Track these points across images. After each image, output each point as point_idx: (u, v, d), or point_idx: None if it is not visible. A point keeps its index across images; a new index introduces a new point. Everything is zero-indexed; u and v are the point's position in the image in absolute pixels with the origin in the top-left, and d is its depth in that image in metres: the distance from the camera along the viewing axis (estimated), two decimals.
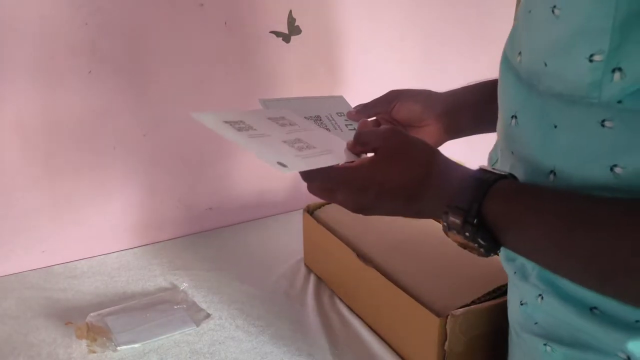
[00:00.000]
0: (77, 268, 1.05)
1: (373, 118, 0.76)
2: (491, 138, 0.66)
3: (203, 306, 0.93)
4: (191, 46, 1.07)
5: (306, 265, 1.05)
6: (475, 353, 0.75)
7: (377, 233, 0.91)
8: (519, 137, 0.54)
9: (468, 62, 1.36)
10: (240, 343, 0.85)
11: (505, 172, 0.51)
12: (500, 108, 0.58)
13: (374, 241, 0.89)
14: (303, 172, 0.59)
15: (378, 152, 0.58)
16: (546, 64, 0.48)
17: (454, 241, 0.53)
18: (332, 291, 0.97)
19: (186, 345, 0.85)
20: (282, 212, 1.26)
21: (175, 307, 0.92)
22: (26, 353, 0.83)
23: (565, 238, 0.45)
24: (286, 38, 1.15)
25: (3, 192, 0.99)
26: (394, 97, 0.75)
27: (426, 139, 0.62)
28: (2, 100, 0.95)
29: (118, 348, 0.83)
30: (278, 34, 1.14)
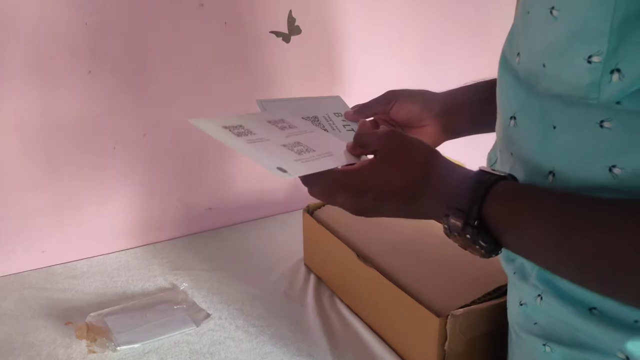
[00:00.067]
0: (77, 268, 1.05)
1: (371, 118, 0.76)
2: (490, 138, 0.66)
3: (203, 306, 0.93)
4: (191, 46, 1.07)
5: (306, 265, 1.05)
6: (475, 353, 0.75)
7: (377, 233, 0.91)
8: (518, 138, 0.54)
9: (468, 62, 1.35)
10: (240, 343, 0.85)
11: (505, 173, 0.52)
12: (499, 109, 0.58)
13: (374, 241, 0.89)
14: (303, 176, 0.59)
15: (377, 155, 0.58)
16: (545, 65, 0.48)
17: (455, 243, 0.53)
18: (332, 291, 0.97)
19: (186, 345, 0.85)
20: (282, 212, 1.26)
21: (175, 307, 0.92)
22: (26, 353, 0.83)
23: (564, 239, 0.45)
24: (286, 38, 1.15)
25: (3, 192, 0.99)
26: (392, 97, 0.74)
27: (424, 139, 0.62)
28: (2, 100, 0.95)
29: (118, 348, 0.83)
30: (278, 34, 1.14)
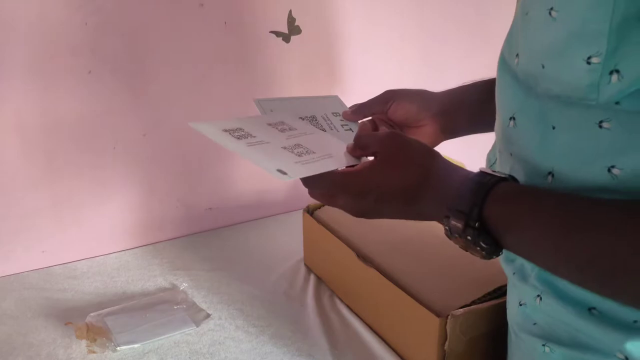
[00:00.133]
0: (77, 268, 1.05)
1: (369, 118, 0.76)
2: (488, 138, 0.66)
3: (203, 306, 0.93)
4: (191, 46, 1.07)
5: (306, 265, 1.05)
6: (475, 353, 0.75)
7: (377, 233, 0.90)
8: (517, 139, 0.54)
9: (468, 62, 1.35)
10: (240, 343, 0.85)
11: (505, 175, 0.51)
12: (498, 109, 0.58)
13: (374, 241, 0.89)
14: (303, 178, 0.59)
15: (377, 156, 0.58)
16: (544, 66, 0.48)
17: (456, 244, 0.53)
18: (332, 291, 0.97)
19: (186, 345, 0.85)
20: (282, 212, 1.26)
21: (175, 308, 0.92)
22: (25, 353, 0.83)
23: (563, 239, 0.45)
24: (286, 38, 1.15)
25: (3, 192, 0.99)
26: (390, 97, 0.74)
27: (422, 139, 0.62)
28: (2, 100, 0.95)
29: (118, 348, 0.83)
30: (278, 34, 1.14)
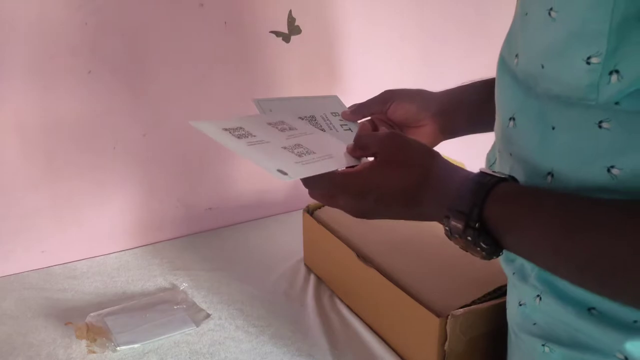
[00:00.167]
0: (77, 268, 1.05)
1: (368, 118, 0.76)
2: (487, 137, 0.66)
3: (203, 306, 0.93)
4: (191, 46, 1.07)
5: (306, 265, 1.05)
6: (475, 353, 0.75)
7: (377, 233, 0.90)
8: (517, 139, 0.54)
9: (468, 62, 1.35)
10: (240, 343, 0.85)
11: (505, 175, 0.51)
12: (497, 110, 0.58)
13: (374, 241, 0.89)
14: (303, 178, 0.59)
15: (377, 157, 0.58)
16: (543, 66, 0.48)
17: (456, 244, 0.53)
18: (332, 291, 0.97)
19: (186, 345, 0.85)
20: (282, 212, 1.26)
21: (175, 308, 0.92)
22: (25, 353, 0.83)
23: (563, 240, 0.45)
24: (286, 38, 1.15)
25: (3, 192, 0.99)
26: (389, 97, 0.74)
27: (422, 139, 0.62)
28: (2, 100, 0.95)
29: (118, 348, 0.83)
30: (278, 34, 1.14)
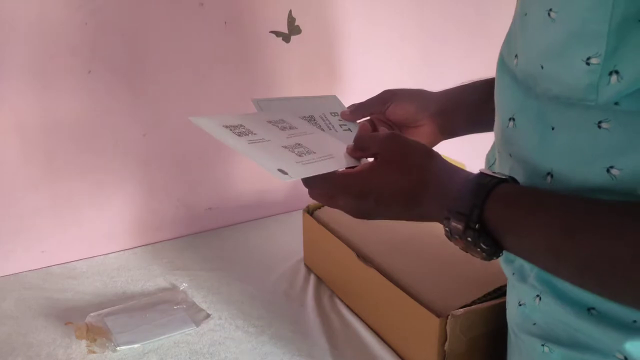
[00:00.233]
0: (77, 268, 1.05)
1: (367, 118, 0.76)
2: (486, 137, 0.66)
3: (203, 306, 0.93)
4: (191, 46, 1.07)
5: (306, 265, 1.05)
6: (475, 353, 0.75)
7: (377, 233, 0.90)
8: (517, 139, 0.54)
9: (468, 62, 1.35)
10: (240, 343, 0.85)
11: (505, 176, 0.51)
12: (497, 110, 0.58)
13: (374, 241, 0.89)
14: (304, 178, 0.59)
15: (378, 158, 0.58)
16: (543, 67, 0.48)
17: (457, 245, 0.53)
18: (332, 291, 0.97)
19: (186, 345, 0.85)
20: (282, 212, 1.26)
21: (175, 308, 0.92)
22: (25, 353, 0.83)
23: (564, 241, 0.45)
24: (286, 38, 1.15)
25: (3, 192, 0.99)
26: (389, 97, 0.74)
27: (421, 139, 0.62)
28: (2, 100, 0.95)
29: (118, 348, 0.83)
30: (278, 34, 1.14)
